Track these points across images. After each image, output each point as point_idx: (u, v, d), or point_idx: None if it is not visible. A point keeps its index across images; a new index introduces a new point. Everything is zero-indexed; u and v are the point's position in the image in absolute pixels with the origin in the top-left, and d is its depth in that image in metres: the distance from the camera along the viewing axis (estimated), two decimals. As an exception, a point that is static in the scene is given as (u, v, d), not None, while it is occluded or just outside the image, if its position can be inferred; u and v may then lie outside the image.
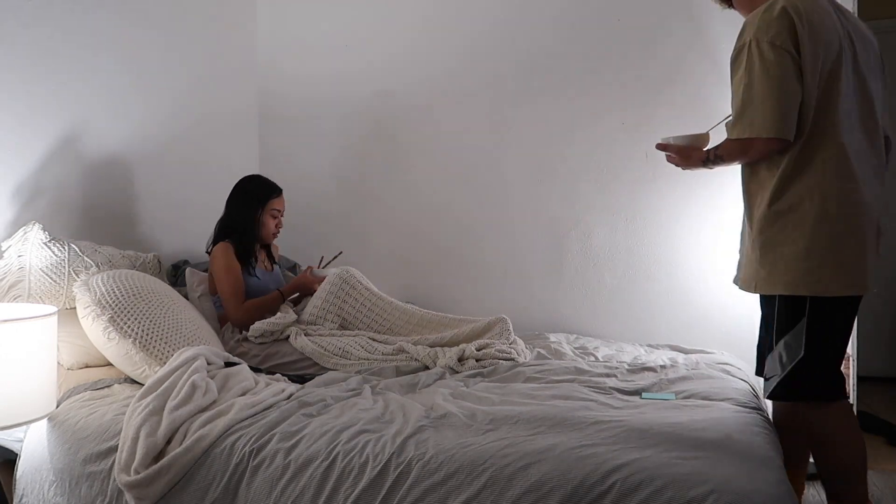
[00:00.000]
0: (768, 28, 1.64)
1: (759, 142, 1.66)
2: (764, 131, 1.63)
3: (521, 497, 1.33)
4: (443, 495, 1.37)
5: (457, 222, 3.23)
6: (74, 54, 2.44)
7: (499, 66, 3.16)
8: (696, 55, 2.90)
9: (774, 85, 1.63)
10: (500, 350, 2.25)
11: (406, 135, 3.31)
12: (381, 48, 3.34)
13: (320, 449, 1.51)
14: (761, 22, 1.66)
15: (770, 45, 1.63)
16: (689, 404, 1.72)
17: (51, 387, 1.74)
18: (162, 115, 2.88)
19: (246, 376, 1.92)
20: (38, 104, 2.31)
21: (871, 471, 2.63)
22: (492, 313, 2.51)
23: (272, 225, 2.65)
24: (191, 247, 2.97)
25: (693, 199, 2.92)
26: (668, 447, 1.40)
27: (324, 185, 3.43)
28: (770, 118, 1.62)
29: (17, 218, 2.22)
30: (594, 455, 1.38)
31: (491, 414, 1.63)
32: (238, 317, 2.46)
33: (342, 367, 2.22)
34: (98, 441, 1.68)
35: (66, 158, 2.42)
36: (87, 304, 2.00)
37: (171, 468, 1.53)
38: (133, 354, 1.96)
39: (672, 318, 2.86)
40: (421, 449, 1.46)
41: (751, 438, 1.47)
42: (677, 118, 2.92)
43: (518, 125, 3.13)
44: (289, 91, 3.49)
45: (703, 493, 1.24)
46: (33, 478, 1.74)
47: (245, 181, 2.69)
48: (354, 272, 2.60)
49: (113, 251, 2.38)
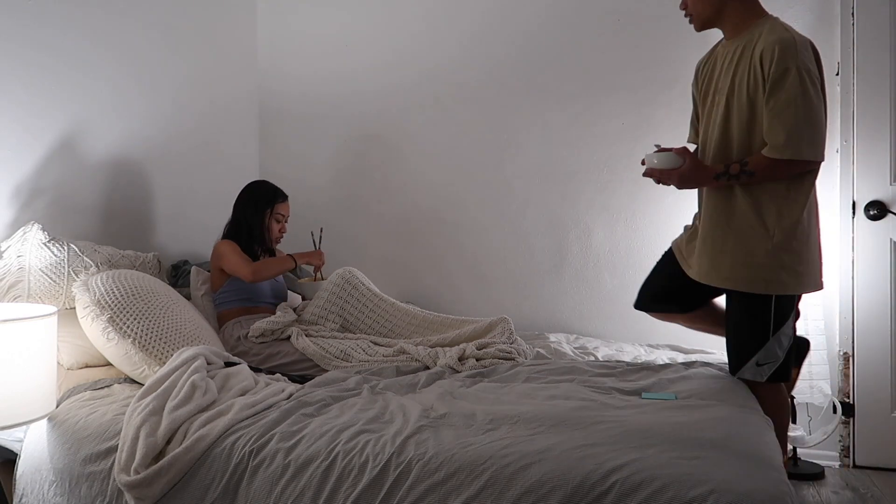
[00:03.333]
0: (809, 60, 1.81)
1: (803, 163, 1.82)
2: (811, 155, 1.81)
3: (522, 497, 1.33)
4: (443, 495, 1.37)
5: (457, 222, 3.23)
6: (74, 54, 2.44)
7: (499, 66, 3.16)
8: (697, 55, 2.89)
9: (819, 114, 1.82)
10: (500, 350, 2.25)
11: (406, 134, 3.31)
12: (380, 47, 3.34)
13: (320, 449, 1.50)
14: (804, 50, 1.81)
15: (814, 76, 1.81)
16: (689, 404, 1.72)
17: (51, 387, 1.74)
18: (162, 114, 2.88)
19: (246, 376, 1.92)
20: (38, 104, 2.31)
21: (871, 470, 2.63)
22: (492, 314, 2.52)
23: (276, 229, 2.69)
24: (191, 247, 2.97)
25: (693, 199, 2.91)
26: (669, 447, 1.40)
27: (324, 183, 3.43)
28: (818, 144, 1.82)
29: (16, 218, 2.22)
30: (594, 455, 1.38)
31: (491, 414, 1.63)
32: (250, 271, 2.49)
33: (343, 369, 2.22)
34: (98, 441, 1.67)
35: (66, 158, 2.41)
36: (87, 304, 2.01)
37: (171, 468, 1.53)
38: (132, 354, 1.96)
39: (672, 317, 2.86)
40: (421, 449, 1.46)
41: (751, 438, 1.47)
42: (677, 118, 2.92)
43: (518, 125, 3.13)
44: (289, 91, 3.49)
45: (703, 493, 1.24)
46: (33, 478, 1.74)
47: (252, 186, 2.72)
48: (356, 272, 2.60)
49: (112, 251, 2.38)
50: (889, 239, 2.67)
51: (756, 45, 1.85)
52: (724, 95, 1.94)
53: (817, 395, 2.53)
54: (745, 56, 1.88)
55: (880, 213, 2.66)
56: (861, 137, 2.68)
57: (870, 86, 2.67)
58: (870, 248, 2.68)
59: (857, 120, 2.68)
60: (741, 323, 1.96)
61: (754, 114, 1.87)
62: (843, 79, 2.70)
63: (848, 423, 2.70)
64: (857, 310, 2.69)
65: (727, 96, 1.93)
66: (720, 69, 1.99)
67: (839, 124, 2.71)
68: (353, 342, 2.34)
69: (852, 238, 2.70)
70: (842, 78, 2.70)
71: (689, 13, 2.04)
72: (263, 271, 2.51)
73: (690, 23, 2.07)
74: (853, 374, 2.69)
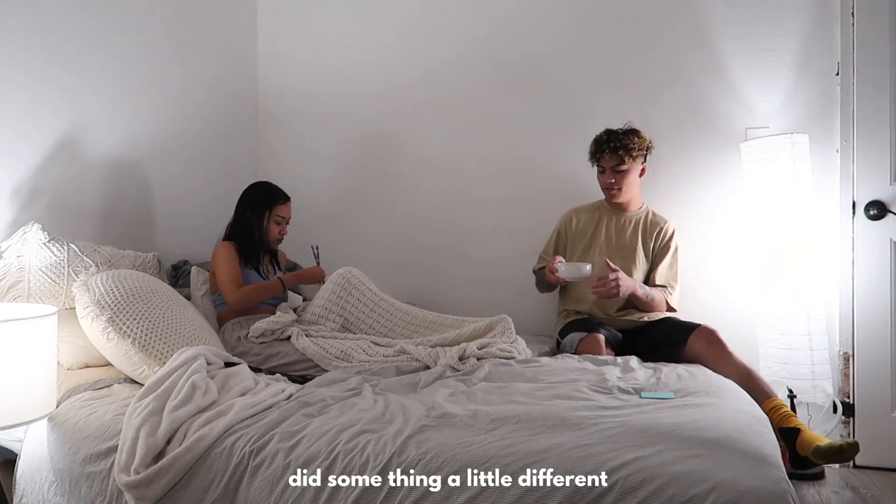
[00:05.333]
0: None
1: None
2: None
3: (523, 496, 1.33)
4: (444, 495, 1.37)
5: (457, 222, 3.23)
6: (74, 54, 2.44)
7: (499, 66, 3.17)
8: (696, 55, 2.90)
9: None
10: (501, 349, 2.25)
11: (406, 135, 3.31)
12: (380, 48, 3.34)
13: (320, 449, 1.50)
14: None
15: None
16: (689, 403, 1.72)
17: (51, 387, 1.74)
18: (162, 115, 2.88)
19: (246, 376, 1.92)
20: (38, 105, 2.31)
21: (871, 470, 2.63)
22: (492, 314, 2.51)
23: (276, 231, 2.68)
24: (191, 247, 2.97)
25: (692, 200, 2.92)
26: (669, 446, 1.40)
27: (323, 185, 3.43)
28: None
29: (16, 218, 2.22)
30: (595, 454, 1.38)
31: (492, 413, 1.62)
32: (234, 299, 2.49)
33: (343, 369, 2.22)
34: (98, 441, 1.67)
35: (66, 159, 2.41)
36: (86, 305, 2.00)
37: (171, 468, 1.52)
38: (132, 355, 1.96)
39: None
40: (422, 448, 1.46)
41: (750, 436, 1.47)
42: (677, 118, 2.93)
43: (518, 125, 3.13)
44: (289, 91, 3.49)
45: (703, 492, 1.24)
46: (33, 478, 1.74)
47: (253, 187, 2.72)
48: (357, 272, 2.60)
49: (112, 251, 2.38)
50: (889, 239, 2.67)
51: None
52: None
53: (819, 394, 2.53)
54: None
55: (880, 213, 2.66)
56: (861, 137, 2.68)
57: (870, 86, 2.67)
58: (870, 248, 2.68)
59: (857, 120, 2.68)
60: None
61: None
62: (843, 79, 2.70)
63: (848, 423, 2.70)
64: (857, 310, 2.69)
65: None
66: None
67: (839, 124, 2.71)
68: (354, 342, 2.34)
69: (852, 238, 2.70)
70: (842, 78, 2.71)
71: (618, 187, 2.67)
72: (247, 301, 2.51)
73: (614, 200, 2.72)
74: (853, 374, 2.69)
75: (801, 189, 2.58)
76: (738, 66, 2.84)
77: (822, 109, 2.74)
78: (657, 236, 2.73)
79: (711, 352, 2.36)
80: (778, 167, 2.59)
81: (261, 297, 2.54)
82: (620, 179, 2.66)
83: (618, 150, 2.62)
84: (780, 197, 2.59)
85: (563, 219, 2.85)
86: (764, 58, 2.80)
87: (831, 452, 2.04)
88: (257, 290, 2.53)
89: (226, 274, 2.51)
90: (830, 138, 2.73)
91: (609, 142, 2.64)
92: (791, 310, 2.55)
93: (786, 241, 2.58)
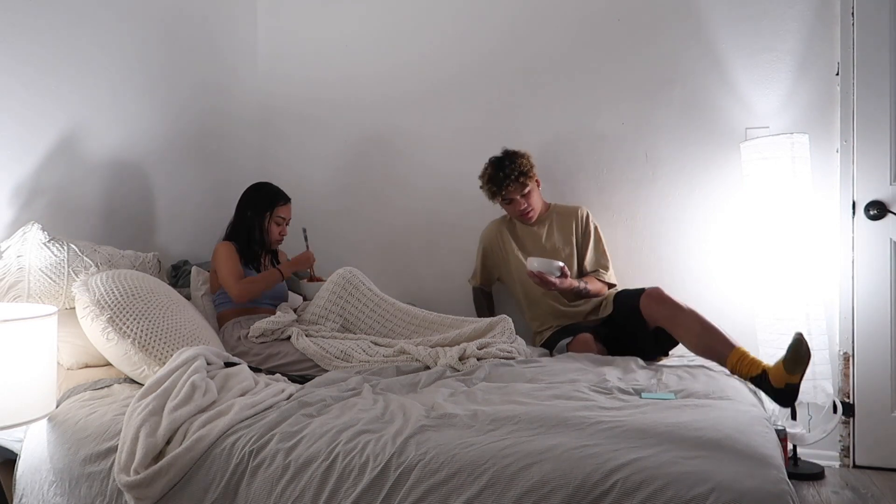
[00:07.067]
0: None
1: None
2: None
3: (523, 497, 1.32)
4: (444, 495, 1.37)
5: (457, 223, 3.23)
6: (74, 54, 2.44)
7: (498, 67, 3.17)
8: (696, 54, 2.90)
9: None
10: (501, 349, 2.25)
11: (406, 136, 3.31)
12: (381, 50, 3.34)
13: (320, 449, 1.50)
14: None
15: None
16: (689, 404, 1.72)
17: (51, 387, 1.74)
18: (162, 115, 2.88)
19: (246, 376, 1.91)
20: (38, 105, 2.31)
21: (870, 470, 2.63)
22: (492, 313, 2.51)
23: (276, 232, 2.68)
24: (191, 247, 2.97)
25: (693, 200, 2.92)
26: (669, 447, 1.40)
27: (324, 185, 3.43)
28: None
29: (16, 218, 2.22)
30: (595, 455, 1.38)
31: (492, 414, 1.62)
32: (237, 291, 2.49)
33: (343, 369, 2.22)
34: (98, 441, 1.67)
35: (66, 158, 2.41)
36: (86, 305, 2.00)
37: (171, 468, 1.52)
38: (132, 355, 1.96)
39: (672, 317, 2.85)
40: (422, 449, 1.45)
41: (750, 437, 1.47)
42: (677, 118, 2.93)
43: (518, 127, 3.13)
44: (289, 92, 3.49)
45: (703, 492, 1.24)
46: (33, 478, 1.74)
47: (254, 187, 2.72)
48: (357, 272, 2.60)
49: (112, 251, 2.38)
50: (889, 239, 2.67)
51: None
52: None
53: (819, 394, 2.53)
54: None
55: (880, 213, 2.66)
56: (861, 137, 2.68)
57: (870, 86, 2.67)
58: (870, 248, 2.68)
59: (857, 120, 2.68)
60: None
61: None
62: (843, 79, 2.70)
63: (848, 423, 2.70)
64: (857, 310, 2.69)
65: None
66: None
67: (839, 124, 2.71)
68: (354, 342, 2.34)
69: (852, 238, 2.70)
70: (842, 78, 2.70)
71: (531, 209, 2.77)
72: (250, 293, 2.51)
73: (531, 222, 2.83)
74: (853, 374, 2.69)
75: (801, 189, 2.58)
76: (738, 65, 2.84)
77: (822, 109, 2.74)
78: (575, 224, 2.83)
79: (664, 313, 2.39)
80: (778, 167, 2.59)
81: (262, 287, 2.55)
82: (530, 201, 2.76)
83: (519, 178, 2.69)
84: (779, 197, 2.59)
85: (485, 237, 2.94)
86: (764, 58, 2.80)
87: (790, 357, 2.00)
88: (259, 282, 2.54)
89: (227, 270, 2.51)
90: (830, 138, 2.73)
91: (508, 175, 2.69)
92: (791, 310, 2.56)
93: (785, 241, 2.58)
